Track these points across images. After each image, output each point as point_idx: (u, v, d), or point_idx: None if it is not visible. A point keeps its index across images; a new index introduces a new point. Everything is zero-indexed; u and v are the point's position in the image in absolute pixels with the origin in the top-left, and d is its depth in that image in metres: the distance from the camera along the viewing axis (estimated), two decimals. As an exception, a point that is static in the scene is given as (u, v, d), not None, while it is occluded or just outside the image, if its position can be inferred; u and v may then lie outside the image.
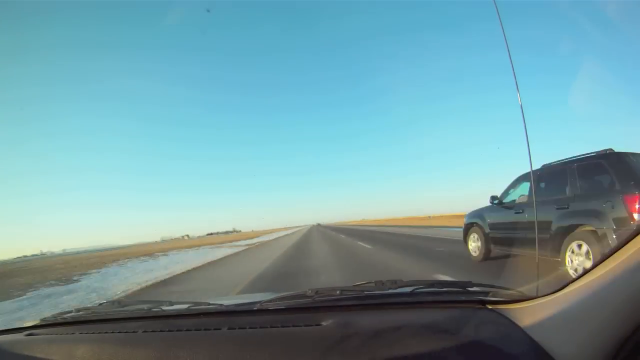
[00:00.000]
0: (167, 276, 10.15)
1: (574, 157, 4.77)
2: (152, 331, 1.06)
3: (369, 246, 12.92)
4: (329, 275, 6.76)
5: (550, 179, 5.13)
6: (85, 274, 12.04)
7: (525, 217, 5.28)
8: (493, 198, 6.31)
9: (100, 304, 1.38)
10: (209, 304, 1.22)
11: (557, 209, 4.71)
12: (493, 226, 6.41)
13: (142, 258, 17.56)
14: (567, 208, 4.64)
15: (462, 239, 7.55)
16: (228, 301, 1.27)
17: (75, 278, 11.11)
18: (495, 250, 6.39)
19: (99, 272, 12.36)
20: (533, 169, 1.05)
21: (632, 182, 4.06)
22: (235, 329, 0.98)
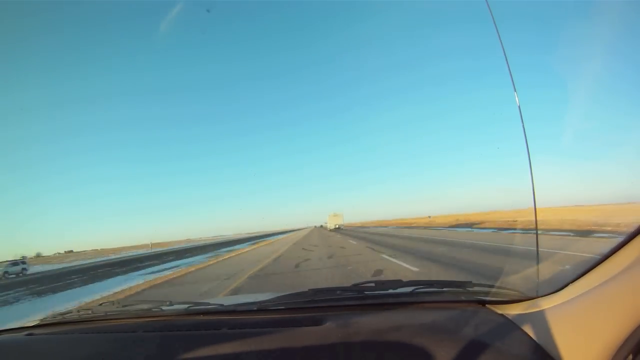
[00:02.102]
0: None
1: None
2: (152, 331, 1.06)
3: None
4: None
5: None
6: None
7: None
8: None
9: (100, 304, 1.38)
10: (209, 304, 1.22)
11: None
12: None
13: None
14: None
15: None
16: (228, 301, 1.27)
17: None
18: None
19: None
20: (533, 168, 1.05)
21: None
22: (235, 329, 0.98)
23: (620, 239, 0.70)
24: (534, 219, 1.15)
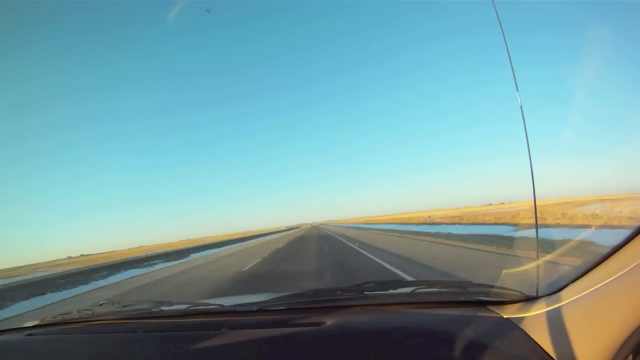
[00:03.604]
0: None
1: None
2: (152, 331, 1.06)
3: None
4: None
5: None
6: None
7: None
8: None
9: (100, 304, 1.38)
10: (209, 304, 1.22)
11: None
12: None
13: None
14: None
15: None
16: (228, 301, 1.27)
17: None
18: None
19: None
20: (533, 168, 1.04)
21: None
22: (235, 329, 0.98)
23: (619, 240, 0.70)
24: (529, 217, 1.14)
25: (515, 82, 1.10)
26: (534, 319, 0.81)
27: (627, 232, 0.69)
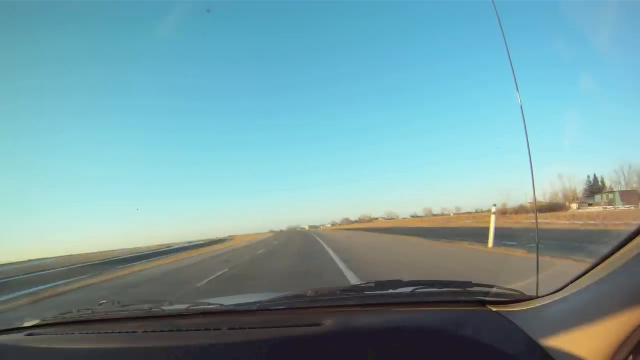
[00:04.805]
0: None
1: None
2: (152, 331, 1.06)
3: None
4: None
5: None
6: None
7: None
8: None
9: (100, 304, 1.38)
10: (209, 304, 1.22)
11: None
12: None
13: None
14: None
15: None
16: (228, 301, 1.27)
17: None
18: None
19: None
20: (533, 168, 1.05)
21: None
22: (235, 329, 0.98)
23: (619, 239, 0.70)
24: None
25: (516, 84, 1.10)
26: (533, 319, 0.81)
27: (627, 232, 0.69)
